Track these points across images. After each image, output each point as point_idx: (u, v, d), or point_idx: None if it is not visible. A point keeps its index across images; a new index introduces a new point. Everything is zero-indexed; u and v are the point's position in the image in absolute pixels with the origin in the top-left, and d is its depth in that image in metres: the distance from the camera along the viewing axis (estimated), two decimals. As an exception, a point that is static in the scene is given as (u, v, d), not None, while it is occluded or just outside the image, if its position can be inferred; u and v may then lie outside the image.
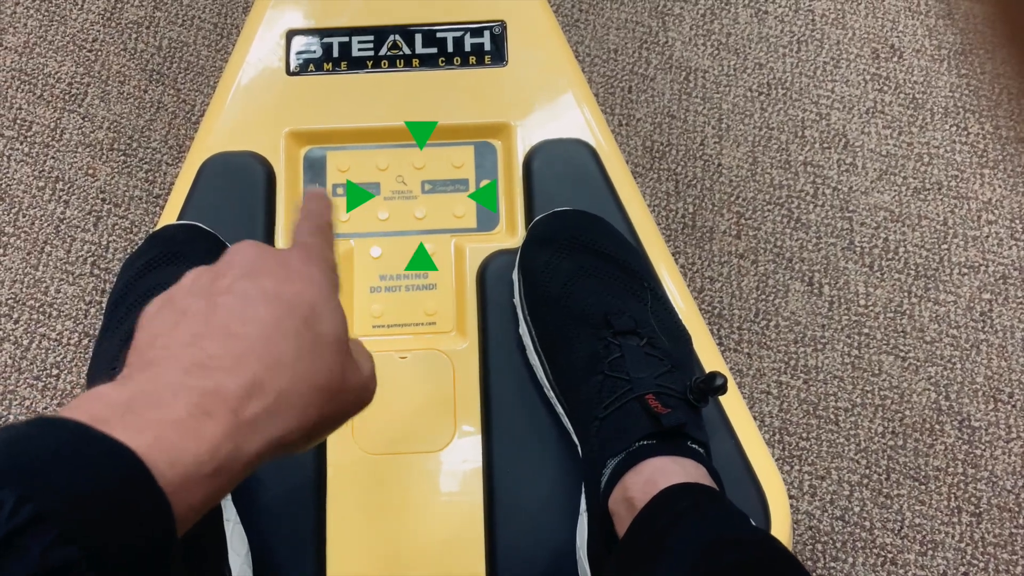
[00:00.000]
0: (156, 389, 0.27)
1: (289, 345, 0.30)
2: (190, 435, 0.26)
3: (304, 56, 0.71)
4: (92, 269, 0.92)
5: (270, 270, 0.33)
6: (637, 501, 0.49)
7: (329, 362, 0.32)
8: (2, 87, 1.00)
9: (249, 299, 0.31)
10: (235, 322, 0.30)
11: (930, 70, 1.02)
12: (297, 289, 0.32)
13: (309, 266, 0.34)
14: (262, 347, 0.30)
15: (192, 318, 0.31)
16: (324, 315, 0.33)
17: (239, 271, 0.33)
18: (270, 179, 0.68)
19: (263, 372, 0.29)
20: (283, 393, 0.29)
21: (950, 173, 0.97)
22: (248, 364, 0.29)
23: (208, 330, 0.30)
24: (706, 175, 0.97)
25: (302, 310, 0.32)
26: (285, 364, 0.30)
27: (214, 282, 0.33)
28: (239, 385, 0.28)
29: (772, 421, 0.86)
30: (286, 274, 0.33)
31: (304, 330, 0.31)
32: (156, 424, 0.26)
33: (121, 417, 0.25)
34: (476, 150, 0.70)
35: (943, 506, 0.83)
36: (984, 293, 0.92)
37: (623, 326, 0.56)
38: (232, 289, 0.32)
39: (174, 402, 0.27)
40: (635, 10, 1.05)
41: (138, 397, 0.27)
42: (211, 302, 0.31)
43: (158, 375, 0.28)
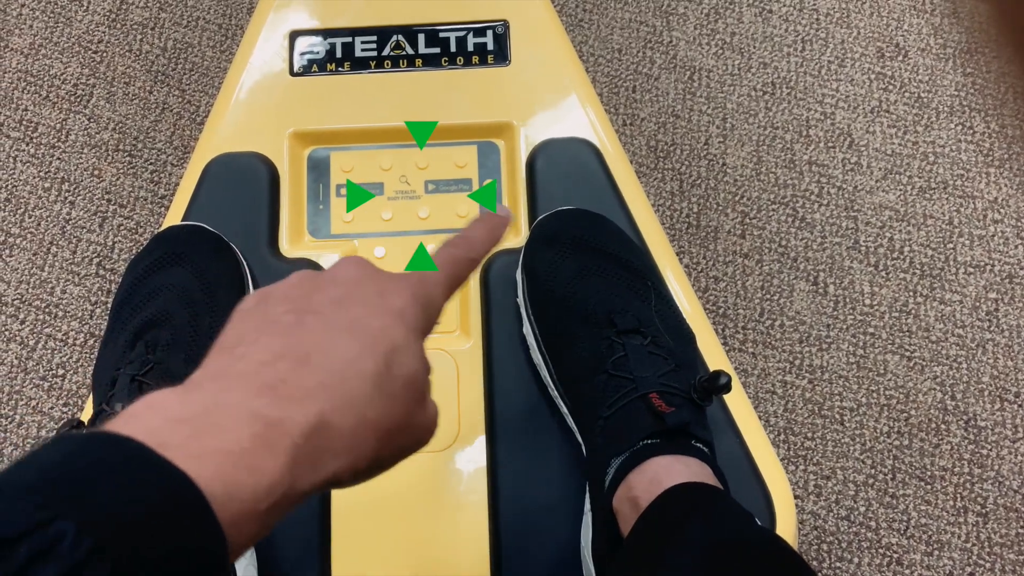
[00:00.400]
0: (222, 409, 0.26)
1: (363, 386, 0.30)
2: (250, 469, 0.26)
3: (307, 57, 0.71)
4: (98, 270, 0.92)
5: (366, 299, 0.32)
6: (641, 500, 0.48)
7: (399, 406, 0.31)
8: (8, 89, 1.01)
9: (336, 327, 0.31)
10: (316, 350, 0.29)
11: (935, 69, 1.02)
12: (386, 324, 0.32)
13: (407, 302, 0.33)
14: (336, 383, 0.29)
15: (278, 332, 0.30)
16: (405, 357, 0.32)
17: (337, 292, 0.32)
18: (274, 180, 0.68)
19: (331, 410, 0.28)
20: (346, 433, 0.29)
21: (956, 172, 0.97)
22: (318, 399, 0.28)
23: (288, 351, 0.29)
24: (710, 174, 0.96)
25: (384, 349, 0.31)
26: (355, 405, 0.29)
27: (310, 296, 0.32)
28: (305, 420, 0.27)
29: (777, 421, 0.86)
30: (380, 306, 0.32)
31: (383, 371, 0.30)
32: (218, 453, 0.25)
33: (183, 441, 0.25)
34: (479, 150, 0.70)
35: (949, 506, 0.83)
36: (990, 292, 0.91)
37: (627, 325, 0.56)
38: (323, 311, 0.31)
39: (238, 429, 0.26)
40: (639, 10, 1.05)
41: (202, 417, 0.26)
42: (300, 319, 0.31)
43: (227, 391, 0.27)
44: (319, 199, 0.69)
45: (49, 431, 0.86)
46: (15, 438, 0.86)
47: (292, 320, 0.31)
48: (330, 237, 0.68)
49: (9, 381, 0.88)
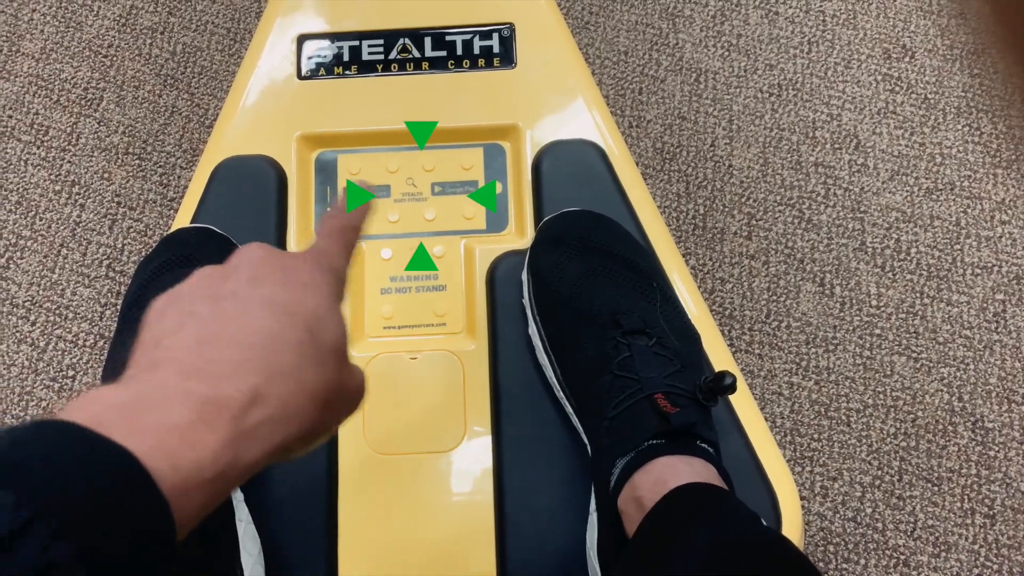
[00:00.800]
0: (157, 392, 0.27)
1: (291, 354, 0.30)
2: (191, 441, 0.26)
3: (315, 60, 0.72)
4: (107, 272, 0.93)
5: (274, 275, 0.33)
6: (646, 501, 0.49)
7: (328, 371, 0.32)
8: (20, 93, 1.02)
9: (253, 305, 0.31)
10: (238, 329, 0.30)
11: (942, 70, 1.02)
12: (299, 297, 0.33)
13: (314, 273, 0.35)
14: (264, 356, 0.30)
15: (197, 321, 0.31)
16: (326, 323, 0.33)
17: (245, 275, 0.33)
18: (282, 182, 0.68)
19: (264, 381, 0.29)
20: (283, 402, 0.29)
21: (963, 173, 0.97)
22: (250, 372, 0.29)
23: (211, 335, 0.30)
24: (717, 176, 0.97)
25: (305, 318, 0.32)
26: (286, 373, 0.30)
27: (220, 284, 0.33)
28: (240, 393, 0.28)
29: (783, 422, 0.86)
30: (290, 280, 0.33)
31: (306, 339, 0.31)
32: (156, 428, 0.26)
33: (120, 420, 0.25)
34: (485, 152, 0.70)
35: (956, 508, 0.83)
36: (997, 294, 0.91)
37: (632, 326, 0.56)
38: (237, 294, 0.32)
39: (175, 407, 0.27)
40: (645, 12, 1.05)
41: (138, 400, 0.27)
42: (216, 306, 0.31)
43: (160, 378, 0.28)
44: (326, 201, 0.69)
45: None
46: (26, 439, 0.87)
47: (208, 308, 0.31)
48: (337, 239, 0.68)
49: (20, 382, 0.89)
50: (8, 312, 0.92)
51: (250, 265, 0.34)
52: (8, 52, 1.04)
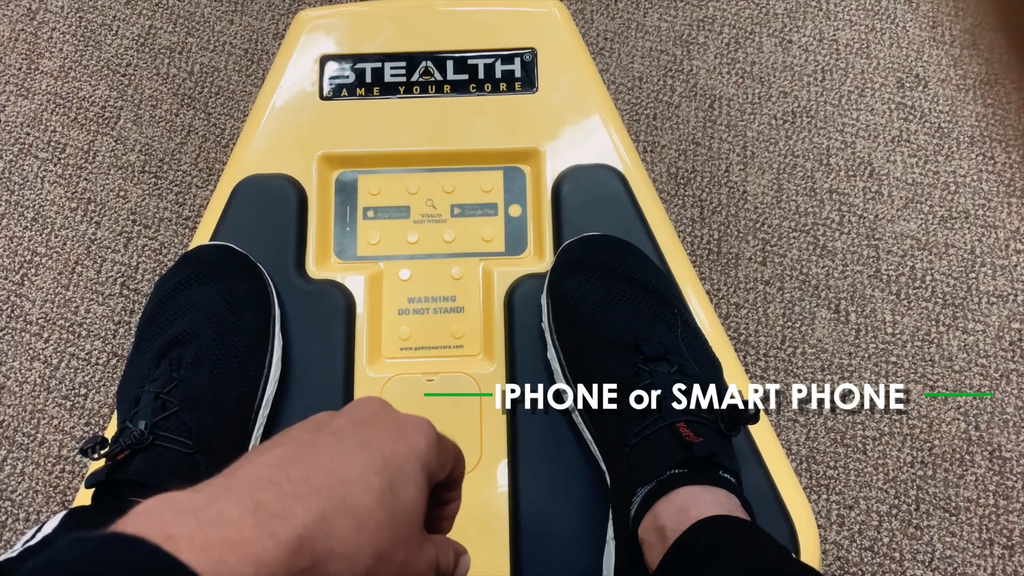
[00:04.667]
0: (227, 501, 0.27)
1: (366, 497, 0.30)
2: (252, 558, 0.26)
3: (337, 81, 0.72)
4: (122, 289, 0.93)
5: (383, 425, 0.34)
6: (669, 531, 0.48)
7: (398, 530, 0.32)
8: (38, 110, 1.03)
9: (348, 441, 0.32)
10: (325, 458, 0.31)
11: (955, 99, 1.02)
12: (397, 449, 0.33)
13: (421, 438, 0.34)
14: (339, 487, 0.30)
15: (291, 444, 0.32)
16: (411, 486, 0.33)
17: (355, 417, 0.34)
18: (302, 202, 0.68)
19: (332, 510, 0.29)
20: (347, 537, 0.29)
21: (977, 202, 0.97)
22: (320, 498, 0.29)
23: (298, 457, 0.30)
24: (731, 202, 0.97)
25: (392, 470, 0.32)
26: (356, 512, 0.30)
27: (331, 420, 0.34)
28: (307, 513, 0.28)
29: (799, 449, 0.85)
30: (395, 434, 0.34)
31: (387, 489, 0.31)
32: (222, 544, 0.26)
33: (189, 532, 0.26)
34: (505, 175, 0.70)
35: (974, 538, 0.82)
36: (1013, 322, 0.91)
37: (653, 352, 0.56)
38: (337, 430, 0.33)
39: (241, 519, 0.27)
40: (660, 39, 1.06)
41: (207, 508, 0.27)
42: (316, 436, 0.32)
43: (234, 483, 0.29)
44: (346, 221, 0.69)
45: (71, 450, 0.86)
46: (37, 457, 0.86)
47: (307, 436, 0.32)
48: (356, 259, 0.68)
49: (32, 400, 0.89)
50: (22, 329, 0.92)
51: (365, 411, 0.35)
52: (27, 70, 1.05)
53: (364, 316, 0.66)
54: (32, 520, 0.83)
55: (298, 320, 0.64)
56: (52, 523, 0.47)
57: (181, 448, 0.52)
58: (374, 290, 0.67)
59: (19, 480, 0.85)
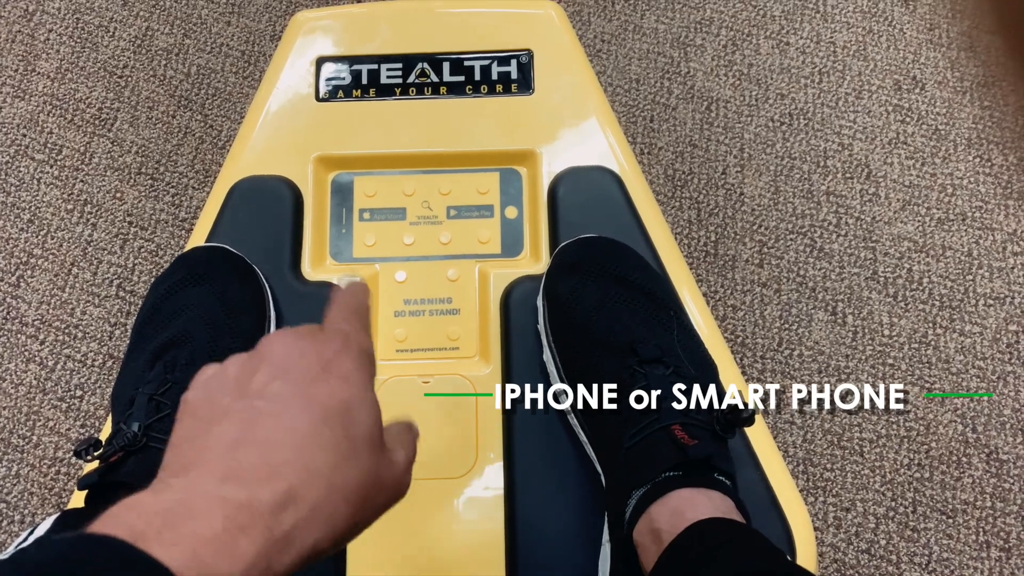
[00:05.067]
0: (192, 499, 0.27)
1: (324, 454, 0.30)
2: (225, 552, 0.26)
3: (333, 83, 0.72)
4: (118, 291, 0.93)
5: (305, 368, 0.33)
6: (664, 533, 0.48)
7: (364, 466, 0.32)
8: (34, 112, 1.02)
9: (284, 404, 0.31)
10: (271, 429, 0.30)
11: (953, 102, 1.02)
12: (332, 390, 0.32)
13: (344, 359, 0.34)
14: (296, 457, 0.30)
15: (228, 421, 0.31)
16: (359, 416, 0.32)
17: (275, 368, 0.33)
18: (298, 203, 0.68)
19: (297, 484, 0.29)
20: (317, 505, 0.29)
21: (974, 204, 0.97)
22: (282, 475, 0.29)
23: (243, 436, 0.30)
24: (728, 204, 0.97)
25: (337, 414, 0.32)
26: (320, 474, 0.30)
27: (251, 378, 0.33)
28: (273, 498, 0.28)
29: (796, 452, 0.85)
30: (321, 372, 0.33)
31: (340, 436, 0.31)
32: (192, 539, 0.26)
33: (158, 532, 0.26)
34: (501, 176, 0.70)
35: (971, 540, 0.82)
36: (1010, 325, 0.91)
37: (649, 355, 0.56)
38: (267, 393, 0.32)
39: (209, 515, 0.27)
40: (657, 41, 1.06)
41: (175, 508, 0.27)
42: (247, 405, 0.31)
43: (194, 483, 0.28)
44: (342, 223, 0.69)
45: (66, 452, 0.86)
46: (32, 459, 0.86)
47: (239, 406, 0.31)
48: (352, 261, 0.68)
49: (28, 401, 0.88)
50: (17, 331, 0.92)
51: (280, 357, 0.33)
52: (24, 72, 1.05)
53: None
54: (27, 522, 0.83)
55: (294, 322, 0.64)
56: (45, 525, 0.47)
57: (175, 450, 0.52)
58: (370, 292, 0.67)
59: (14, 482, 0.85)
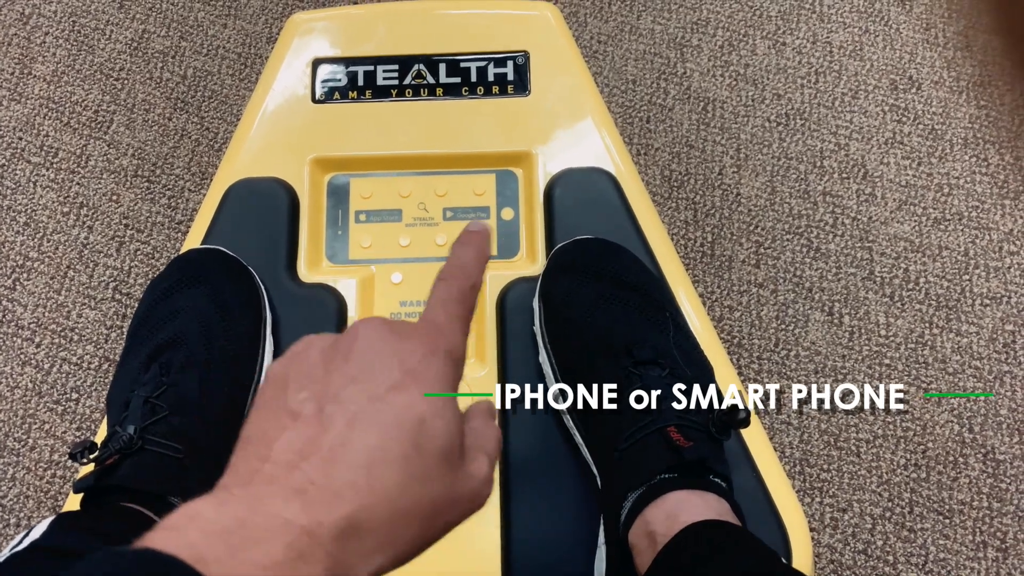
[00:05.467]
0: (255, 520, 0.27)
1: (393, 474, 0.29)
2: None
3: (329, 84, 0.72)
4: (114, 294, 0.93)
5: (386, 373, 0.31)
6: (659, 535, 0.48)
7: (436, 484, 0.30)
8: (30, 115, 1.02)
9: (356, 415, 0.30)
10: (340, 443, 0.29)
11: (949, 101, 1.02)
12: (409, 401, 0.30)
13: (430, 365, 0.32)
14: (362, 477, 0.28)
15: (297, 427, 0.30)
16: (435, 430, 0.30)
17: (354, 369, 0.31)
18: (294, 205, 0.68)
19: (361, 508, 0.28)
20: (381, 529, 0.28)
21: (970, 204, 0.97)
22: (346, 499, 0.28)
23: (312, 448, 0.29)
24: (725, 204, 0.97)
25: (411, 428, 0.30)
26: (387, 497, 0.29)
27: (329, 376, 0.31)
28: (335, 523, 0.27)
29: (793, 452, 0.85)
30: (401, 378, 0.31)
31: (412, 453, 0.30)
32: (255, 568, 0.25)
33: (219, 559, 0.25)
34: (498, 178, 0.70)
35: (968, 541, 0.82)
36: (1007, 324, 0.91)
37: (645, 356, 0.56)
38: (341, 397, 0.31)
39: (271, 540, 0.26)
40: (653, 42, 1.06)
41: (238, 529, 0.26)
42: (320, 408, 0.30)
43: (258, 500, 0.28)
44: (338, 225, 0.69)
45: (62, 455, 0.86)
46: (28, 462, 0.86)
47: (312, 410, 0.30)
48: (348, 263, 0.68)
49: (23, 404, 0.88)
50: (13, 334, 0.91)
51: (363, 356, 0.32)
52: (20, 74, 1.05)
53: (356, 320, 0.65)
54: (23, 525, 0.83)
55: (289, 324, 0.64)
56: (40, 528, 0.47)
57: (170, 453, 0.52)
58: (366, 294, 0.67)
59: (10, 485, 0.85)
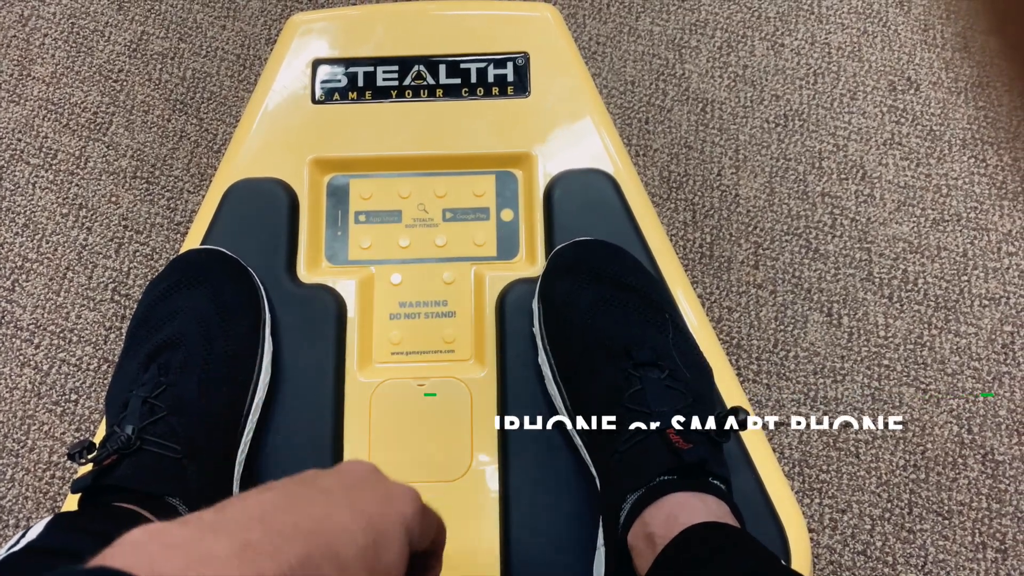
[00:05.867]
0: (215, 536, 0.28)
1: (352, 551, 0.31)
2: None
3: (329, 85, 0.72)
4: (113, 295, 0.93)
5: (371, 488, 0.35)
6: (658, 538, 0.48)
7: None
8: (29, 116, 1.02)
9: (336, 499, 0.33)
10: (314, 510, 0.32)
11: (947, 102, 1.03)
12: (384, 512, 0.34)
13: (408, 507, 0.36)
14: (328, 538, 0.31)
15: (279, 492, 0.33)
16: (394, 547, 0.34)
17: (343, 478, 0.35)
18: (293, 205, 0.68)
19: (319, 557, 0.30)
20: None
21: (969, 205, 0.97)
22: (308, 544, 0.30)
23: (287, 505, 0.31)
24: (723, 205, 0.97)
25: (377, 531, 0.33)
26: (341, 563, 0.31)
27: (318, 477, 0.35)
28: (294, 556, 0.29)
29: (792, 453, 0.85)
30: (382, 499, 0.35)
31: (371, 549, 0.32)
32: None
33: (177, 571, 0.26)
34: (498, 179, 0.70)
35: (967, 542, 0.82)
36: (1006, 325, 0.91)
37: (644, 358, 0.56)
38: (326, 488, 0.34)
39: (228, 559, 0.27)
40: (652, 43, 1.06)
41: (196, 544, 0.27)
42: (303, 489, 0.34)
43: (222, 520, 0.29)
44: (337, 225, 0.69)
45: (61, 456, 0.86)
46: (26, 463, 0.86)
47: (296, 488, 0.34)
48: (347, 263, 0.68)
49: (22, 406, 0.88)
50: (12, 335, 0.91)
51: (353, 473, 0.36)
52: (19, 76, 1.05)
53: (355, 321, 0.65)
54: (22, 526, 0.83)
55: (288, 324, 0.64)
56: (37, 528, 0.47)
57: (169, 453, 0.52)
58: (365, 294, 0.67)
59: (9, 486, 0.85)
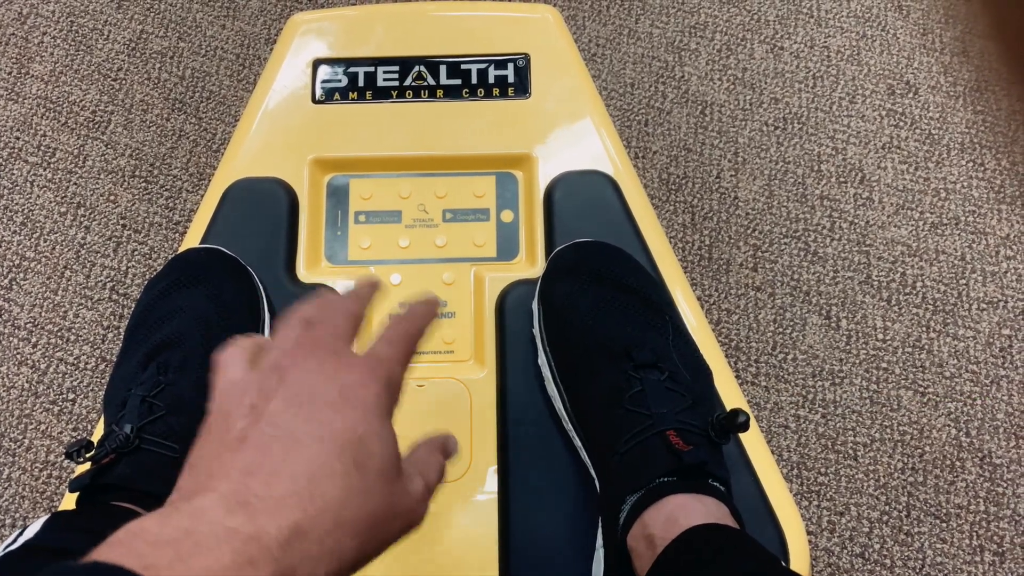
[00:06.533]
0: (201, 530, 0.27)
1: (334, 488, 0.30)
2: None
3: (330, 85, 0.72)
4: (111, 294, 0.93)
5: (324, 396, 0.32)
6: (658, 539, 0.48)
7: (374, 500, 0.32)
8: (27, 114, 1.02)
9: (298, 435, 0.31)
10: (282, 459, 0.30)
11: (946, 106, 1.03)
12: (348, 422, 0.32)
13: (367, 387, 0.33)
14: (306, 489, 0.30)
15: (241, 449, 0.31)
16: (373, 449, 0.32)
17: (293, 395, 0.32)
18: (293, 205, 0.68)
19: (305, 519, 0.29)
20: (325, 537, 0.29)
21: (967, 208, 0.97)
22: (291, 509, 0.29)
23: (255, 467, 0.30)
24: (722, 208, 0.97)
25: (350, 447, 0.31)
26: (328, 508, 0.30)
27: (268, 402, 0.32)
28: (279, 531, 0.28)
29: (790, 455, 0.85)
30: (339, 401, 0.32)
31: (351, 470, 0.31)
32: (204, 571, 0.26)
33: (169, 564, 0.26)
34: (498, 180, 0.70)
35: (965, 544, 0.82)
36: (1004, 329, 0.91)
37: (644, 359, 0.56)
38: (282, 419, 0.32)
39: (218, 548, 0.27)
40: (652, 45, 1.06)
41: (184, 540, 0.27)
42: (261, 431, 0.31)
43: (203, 513, 0.28)
44: (337, 225, 0.69)
45: (58, 455, 0.85)
46: (23, 462, 0.85)
47: (254, 432, 0.31)
48: (347, 263, 0.68)
49: (20, 405, 0.88)
50: (9, 334, 0.91)
51: (302, 381, 0.33)
52: (17, 74, 1.05)
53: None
54: (19, 526, 0.82)
55: (288, 325, 0.64)
56: (34, 527, 0.47)
57: (167, 452, 0.52)
58: (365, 295, 0.67)
59: (5, 485, 0.85)
